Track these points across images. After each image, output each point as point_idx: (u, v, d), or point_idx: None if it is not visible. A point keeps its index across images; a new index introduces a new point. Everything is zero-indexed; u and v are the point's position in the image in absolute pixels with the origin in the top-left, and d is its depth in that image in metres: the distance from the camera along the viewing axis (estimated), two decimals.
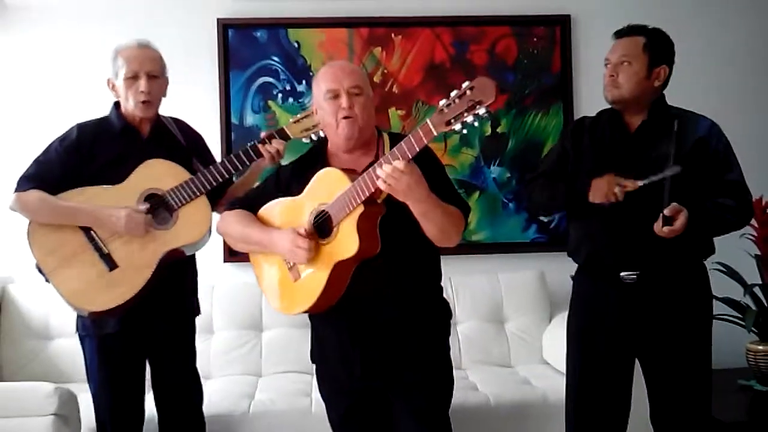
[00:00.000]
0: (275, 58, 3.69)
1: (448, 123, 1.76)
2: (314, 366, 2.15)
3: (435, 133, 1.78)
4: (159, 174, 2.36)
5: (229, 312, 3.43)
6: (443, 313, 2.09)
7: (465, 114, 1.74)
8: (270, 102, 3.69)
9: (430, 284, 2.08)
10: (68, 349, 3.25)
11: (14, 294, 3.36)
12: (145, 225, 2.30)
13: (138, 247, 2.31)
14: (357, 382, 2.01)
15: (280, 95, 3.69)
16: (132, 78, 2.34)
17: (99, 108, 2.54)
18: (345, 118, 1.96)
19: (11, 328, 3.30)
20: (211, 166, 2.38)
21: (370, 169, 1.86)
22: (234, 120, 3.68)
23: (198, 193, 2.34)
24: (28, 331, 3.31)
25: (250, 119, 3.69)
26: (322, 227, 1.96)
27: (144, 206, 2.32)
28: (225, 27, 3.66)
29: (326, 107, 1.99)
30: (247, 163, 2.39)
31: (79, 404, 2.61)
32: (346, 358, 2.00)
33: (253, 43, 3.68)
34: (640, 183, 2.12)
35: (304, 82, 3.69)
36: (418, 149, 1.81)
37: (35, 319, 3.33)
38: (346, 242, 1.89)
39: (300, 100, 3.69)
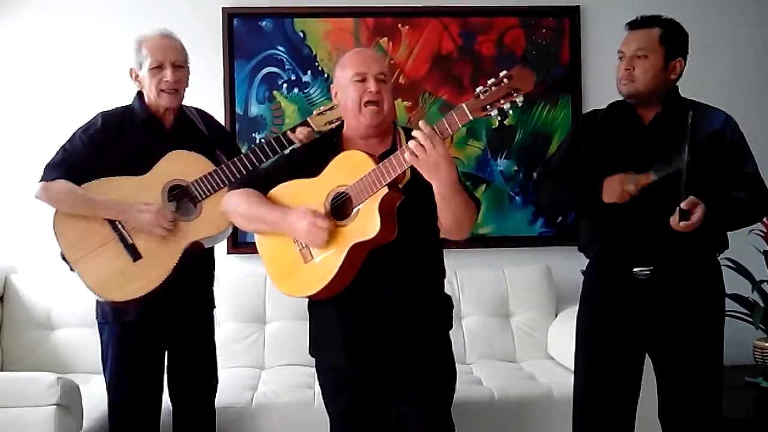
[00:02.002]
0: (280, 48, 3.66)
1: (484, 108, 1.79)
2: (314, 359, 2.14)
3: (470, 118, 1.80)
4: (183, 165, 2.37)
5: (233, 304, 3.41)
6: (446, 306, 2.10)
7: (502, 101, 1.77)
8: (275, 92, 3.66)
9: (435, 277, 2.08)
10: (71, 339, 3.26)
11: (17, 284, 3.35)
12: (170, 223, 2.30)
13: (162, 238, 2.32)
14: (361, 371, 2.01)
15: (285, 85, 3.66)
16: (157, 68, 2.34)
17: (100, 96, 2.53)
18: (370, 102, 1.96)
19: (14, 319, 3.29)
20: (236, 158, 2.37)
21: (398, 151, 1.87)
22: (238, 110, 3.65)
23: (222, 185, 2.34)
24: (31, 321, 3.30)
25: (255, 109, 3.66)
26: (338, 209, 1.96)
27: (172, 207, 2.34)
28: (230, 16, 3.63)
29: (351, 91, 1.98)
30: (271, 154, 2.37)
31: (81, 395, 2.61)
32: (350, 347, 1.99)
33: (258, 33, 3.65)
34: (654, 177, 2.09)
35: (309, 72, 3.66)
36: (451, 132, 1.84)
37: (38, 310, 3.32)
38: (366, 223, 1.88)
39: (305, 91, 3.66)
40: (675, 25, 2.26)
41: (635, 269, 2.23)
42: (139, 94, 2.44)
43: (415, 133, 1.83)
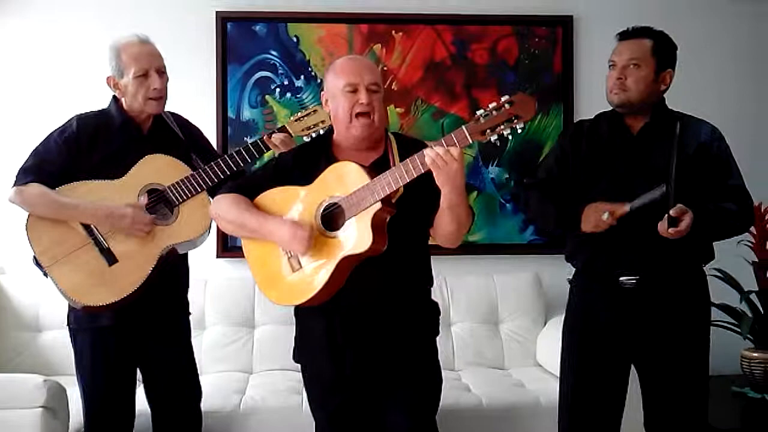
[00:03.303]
0: (273, 53, 3.66)
1: (483, 133, 1.80)
2: (300, 365, 2.13)
3: (470, 141, 1.82)
4: (160, 169, 2.35)
5: (222, 308, 3.41)
6: (432, 312, 2.10)
7: (502, 126, 1.78)
8: (267, 96, 3.67)
9: (421, 284, 2.09)
10: (58, 341, 3.23)
11: (5, 285, 3.34)
12: (149, 225, 2.29)
13: (138, 242, 2.30)
14: (346, 379, 2.00)
15: (277, 90, 3.67)
16: (143, 76, 2.31)
17: (95, 98, 2.51)
18: (361, 114, 1.95)
19: (1, 320, 3.27)
20: (213, 163, 2.36)
21: (392, 168, 1.88)
22: (231, 114, 3.65)
23: (199, 189, 2.33)
24: (18, 322, 3.29)
25: (247, 114, 3.66)
26: (328, 219, 1.95)
27: (144, 201, 2.31)
28: (224, 20, 3.63)
29: (342, 101, 1.98)
30: (249, 159, 2.37)
31: (68, 397, 2.59)
32: (336, 355, 1.99)
33: (251, 37, 3.65)
34: (628, 207, 2.12)
35: (302, 77, 3.67)
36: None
37: (25, 311, 3.31)
38: (359, 237, 1.89)
39: (298, 96, 3.66)
40: (665, 37, 2.28)
41: (621, 278, 2.24)
42: (115, 98, 2.41)
43: (437, 147, 1.83)
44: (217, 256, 3.59)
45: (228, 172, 2.35)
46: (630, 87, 2.23)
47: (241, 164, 2.37)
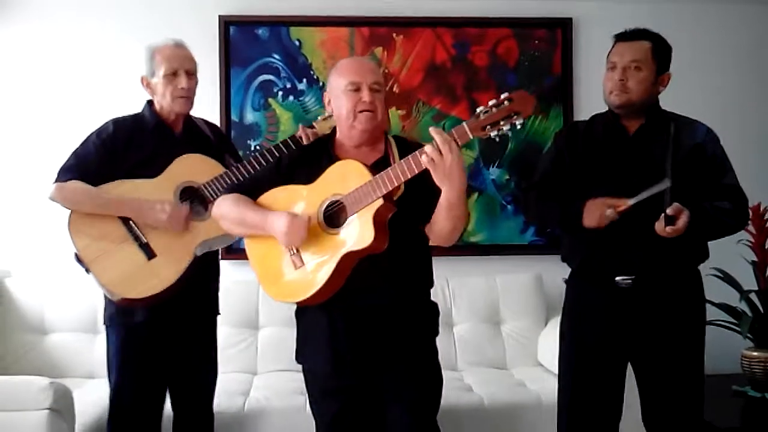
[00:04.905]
0: (276, 56, 3.69)
1: (483, 129, 1.81)
2: (302, 366, 2.14)
3: (470, 137, 1.83)
4: (194, 167, 2.41)
5: (226, 310, 3.35)
6: (432, 313, 2.12)
7: (501, 123, 1.79)
8: (270, 100, 3.69)
9: (422, 285, 2.10)
10: (63, 343, 3.27)
11: (11, 288, 3.36)
12: (186, 220, 2.35)
13: (175, 237, 2.36)
14: (347, 379, 2.02)
15: (280, 93, 3.69)
16: (171, 75, 2.39)
17: (100, 101, 2.55)
18: (365, 111, 1.98)
19: (7, 323, 3.30)
20: (245, 160, 2.41)
21: (394, 164, 1.89)
22: (234, 117, 3.67)
23: None
24: (24, 325, 3.31)
25: (250, 117, 3.69)
26: (331, 217, 1.97)
27: (186, 205, 2.37)
28: (227, 24, 3.65)
29: (345, 100, 2.00)
30: (283, 154, 2.38)
31: (74, 399, 2.61)
32: (337, 355, 2.00)
33: (254, 41, 3.68)
34: (631, 202, 2.13)
35: (304, 80, 3.69)
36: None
37: (31, 314, 3.33)
38: (360, 233, 1.90)
39: (300, 99, 3.69)
40: (662, 39, 2.30)
41: (617, 278, 2.26)
42: (149, 102, 2.48)
43: (433, 132, 1.83)
44: (222, 258, 3.59)
45: (260, 169, 2.36)
46: (632, 88, 2.24)
47: (273, 161, 2.37)
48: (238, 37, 3.67)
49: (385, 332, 1.99)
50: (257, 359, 3.38)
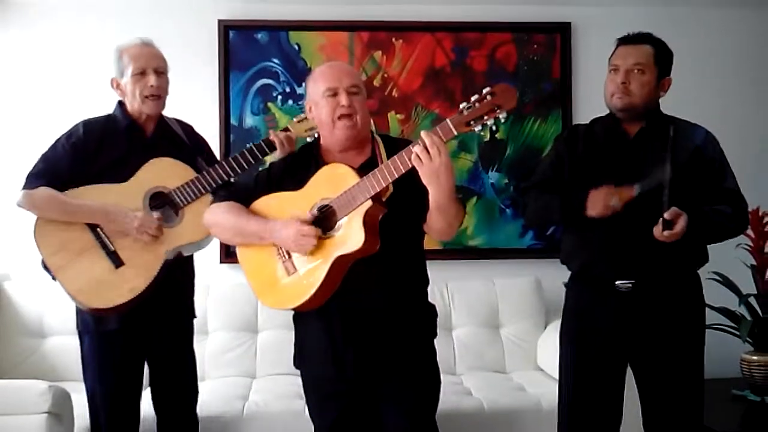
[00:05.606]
0: (275, 60, 3.70)
1: (468, 124, 1.82)
2: (300, 371, 2.15)
3: (455, 133, 1.84)
4: (165, 172, 2.37)
5: (224, 313, 3.42)
6: (430, 315, 2.12)
7: (485, 117, 1.80)
8: (269, 104, 3.70)
9: (418, 287, 2.10)
10: (63, 347, 3.25)
11: (9, 291, 3.36)
12: (157, 229, 2.31)
13: (144, 244, 2.32)
14: (347, 384, 2.02)
15: (279, 97, 3.70)
16: (140, 74, 2.35)
17: (99, 105, 2.54)
18: (344, 116, 1.98)
19: (6, 326, 3.30)
20: (217, 164, 2.39)
21: (381, 165, 1.90)
22: (233, 121, 3.68)
23: (204, 191, 2.35)
24: (23, 328, 3.31)
25: (250, 121, 3.69)
26: (322, 222, 1.97)
27: (158, 214, 2.33)
28: (226, 28, 3.66)
29: (324, 105, 2.01)
30: (253, 161, 2.39)
31: (72, 403, 2.61)
32: (338, 359, 2.00)
33: (253, 45, 3.69)
34: (637, 191, 2.13)
35: (303, 84, 3.65)
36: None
37: (30, 317, 3.33)
38: (351, 236, 1.90)
39: (299, 103, 3.69)
40: (664, 44, 2.30)
41: (617, 282, 2.26)
42: (120, 103, 2.44)
43: (423, 135, 1.84)
44: (221, 262, 3.61)
45: (232, 174, 2.36)
46: (634, 92, 2.24)
47: (245, 166, 2.38)
48: (238, 42, 3.68)
49: (382, 335, 1.99)
50: (256, 363, 3.37)
